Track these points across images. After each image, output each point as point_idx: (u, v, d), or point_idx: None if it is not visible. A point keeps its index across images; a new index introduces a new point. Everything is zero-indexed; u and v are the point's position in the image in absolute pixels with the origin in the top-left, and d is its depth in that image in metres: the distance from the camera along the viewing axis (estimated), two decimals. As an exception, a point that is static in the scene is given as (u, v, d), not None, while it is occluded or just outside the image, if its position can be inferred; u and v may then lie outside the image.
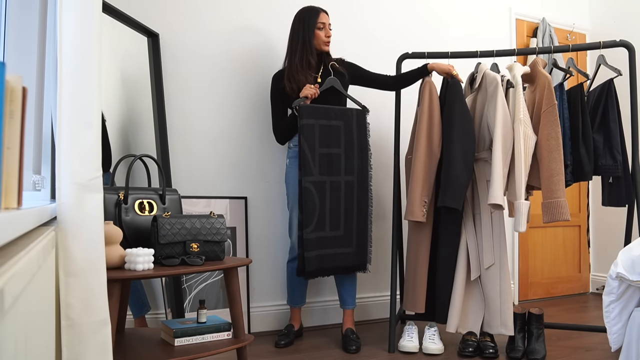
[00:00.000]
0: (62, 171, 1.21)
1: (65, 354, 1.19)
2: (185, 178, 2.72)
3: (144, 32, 2.59)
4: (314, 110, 2.51)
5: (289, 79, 2.58)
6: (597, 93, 2.67)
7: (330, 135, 2.53)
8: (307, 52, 2.58)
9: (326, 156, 2.52)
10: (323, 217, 2.51)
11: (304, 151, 2.47)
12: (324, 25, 2.61)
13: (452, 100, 2.50)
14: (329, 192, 2.52)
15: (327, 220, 2.52)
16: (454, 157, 2.43)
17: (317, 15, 2.61)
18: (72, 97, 1.23)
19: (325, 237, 2.51)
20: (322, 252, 2.50)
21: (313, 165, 2.49)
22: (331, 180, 2.53)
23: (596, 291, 4.00)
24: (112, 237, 1.80)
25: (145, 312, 2.49)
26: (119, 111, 2.47)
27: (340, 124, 2.56)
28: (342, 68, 2.68)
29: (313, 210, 2.48)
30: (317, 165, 2.50)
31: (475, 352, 2.47)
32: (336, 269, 2.56)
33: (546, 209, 2.39)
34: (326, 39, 2.62)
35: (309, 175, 2.48)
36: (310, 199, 2.47)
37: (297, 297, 2.72)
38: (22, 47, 1.54)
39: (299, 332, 2.76)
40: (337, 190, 2.54)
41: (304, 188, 2.46)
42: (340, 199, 2.55)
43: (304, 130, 2.48)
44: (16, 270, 0.69)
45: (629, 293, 1.98)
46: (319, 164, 2.51)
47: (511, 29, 3.76)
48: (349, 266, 2.58)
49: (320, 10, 2.63)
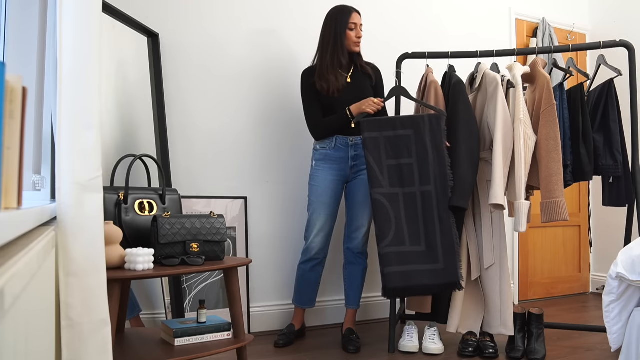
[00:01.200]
0: (62, 171, 1.21)
1: (65, 353, 1.19)
2: (185, 178, 2.72)
3: (144, 32, 2.59)
4: (375, 124, 2.43)
5: (320, 78, 2.60)
6: (597, 93, 2.67)
7: (399, 145, 2.41)
8: (338, 52, 2.59)
9: (396, 167, 2.40)
10: (401, 230, 2.37)
11: (370, 164, 2.41)
12: (355, 26, 2.62)
13: (455, 100, 2.50)
14: (404, 204, 2.38)
15: (406, 234, 2.37)
16: (460, 157, 2.42)
17: (350, 15, 2.62)
18: (72, 97, 1.23)
19: (405, 252, 2.36)
20: (405, 269, 2.35)
21: (382, 177, 2.39)
22: (404, 192, 2.39)
23: (596, 291, 4.00)
24: (112, 237, 1.80)
25: (136, 313, 2.48)
26: (119, 111, 2.47)
27: (409, 132, 2.42)
28: (370, 70, 2.70)
29: (388, 222, 2.37)
30: (386, 177, 2.40)
31: (475, 352, 2.47)
32: (425, 287, 2.36)
33: (544, 208, 2.39)
34: (357, 39, 2.62)
35: (378, 187, 2.39)
36: (382, 211, 2.38)
37: (305, 298, 2.72)
38: (22, 47, 1.54)
39: (301, 332, 2.76)
40: (414, 201, 2.39)
41: (374, 200, 2.39)
42: (418, 210, 2.38)
43: (367, 144, 2.41)
44: (16, 270, 0.69)
45: (629, 293, 1.98)
46: (388, 176, 2.40)
47: (511, 29, 3.76)
48: (440, 284, 2.35)
49: (352, 10, 2.64)
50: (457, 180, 2.40)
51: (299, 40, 3.03)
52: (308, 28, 3.02)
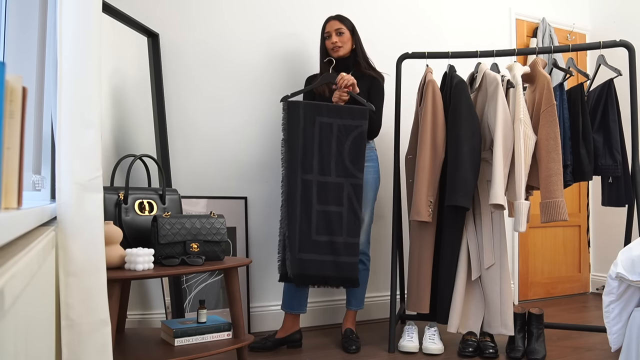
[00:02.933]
0: (62, 171, 1.21)
1: (65, 354, 1.19)
2: (185, 178, 2.72)
3: (144, 32, 2.59)
4: (298, 105, 2.46)
5: (311, 84, 2.66)
6: (597, 93, 2.67)
7: (321, 133, 2.44)
8: (322, 66, 2.67)
9: (318, 155, 2.47)
10: (309, 218, 2.44)
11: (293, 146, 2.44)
12: (329, 34, 2.64)
13: (457, 100, 2.50)
14: (316, 192, 2.45)
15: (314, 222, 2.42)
16: (462, 157, 2.42)
17: (325, 24, 2.68)
18: (72, 97, 1.23)
19: (311, 240, 2.42)
20: (308, 257, 2.41)
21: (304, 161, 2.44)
22: (319, 180, 2.44)
23: (596, 291, 4.00)
24: (112, 237, 1.80)
25: None
26: (119, 111, 2.47)
27: (333, 120, 2.44)
28: (367, 76, 2.63)
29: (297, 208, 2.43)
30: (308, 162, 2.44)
31: (475, 352, 2.47)
32: (324, 278, 2.44)
33: (544, 209, 2.39)
34: (331, 45, 2.64)
35: (307, 171, 2.44)
36: (294, 196, 2.44)
37: (292, 302, 2.58)
38: (22, 47, 1.54)
39: (293, 341, 2.58)
40: (325, 190, 2.44)
41: (304, 180, 2.43)
42: (329, 200, 2.45)
43: (289, 126, 2.44)
44: (16, 270, 0.69)
45: (629, 293, 1.98)
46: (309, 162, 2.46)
47: (511, 29, 3.76)
48: (338, 277, 2.44)
49: (328, 20, 2.68)
50: (459, 179, 2.40)
51: (298, 40, 3.03)
52: (308, 30, 3.02)
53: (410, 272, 2.66)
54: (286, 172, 2.41)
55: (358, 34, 2.72)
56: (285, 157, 2.42)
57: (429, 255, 2.59)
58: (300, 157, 2.40)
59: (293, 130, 2.41)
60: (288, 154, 2.41)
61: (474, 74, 2.68)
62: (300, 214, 2.39)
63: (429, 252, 2.59)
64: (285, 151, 2.42)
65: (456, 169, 2.43)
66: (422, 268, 2.59)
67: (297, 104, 2.44)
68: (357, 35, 2.71)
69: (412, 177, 2.67)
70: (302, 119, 2.42)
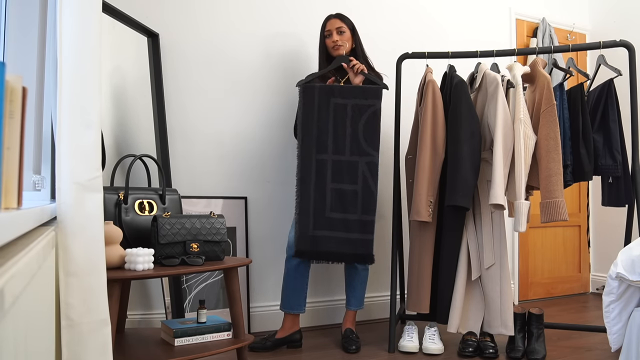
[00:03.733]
0: (62, 171, 1.21)
1: (65, 354, 1.19)
2: (185, 178, 2.72)
3: (144, 32, 2.59)
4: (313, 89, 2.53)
5: None
6: (597, 93, 2.67)
7: (336, 113, 2.51)
8: (323, 61, 2.68)
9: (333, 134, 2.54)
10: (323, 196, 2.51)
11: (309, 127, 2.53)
12: (330, 32, 2.66)
13: (457, 100, 2.50)
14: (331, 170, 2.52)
15: (328, 200, 2.48)
16: (462, 157, 2.42)
17: (325, 23, 2.69)
18: (72, 97, 1.23)
19: (326, 217, 2.49)
20: (322, 234, 2.48)
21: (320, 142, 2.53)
22: (333, 159, 2.50)
23: (596, 291, 4.00)
24: (112, 237, 1.80)
25: None
26: (119, 111, 2.47)
27: (347, 101, 2.51)
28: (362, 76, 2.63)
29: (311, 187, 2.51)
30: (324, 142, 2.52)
31: (475, 352, 2.47)
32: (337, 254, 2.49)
33: (544, 209, 2.39)
34: (332, 44, 2.65)
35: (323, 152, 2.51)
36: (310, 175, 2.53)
37: (291, 301, 2.57)
38: (22, 47, 1.53)
39: (293, 341, 2.57)
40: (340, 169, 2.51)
41: (318, 161, 2.49)
42: (344, 177, 2.52)
43: (305, 107, 2.51)
44: (16, 270, 0.69)
45: (629, 293, 1.98)
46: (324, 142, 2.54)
47: (511, 29, 3.76)
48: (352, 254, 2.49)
49: (329, 18, 2.69)
50: (459, 179, 2.40)
51: (298, 40, 3.03)
52: (307, 30, 3.02)
53: (410, 272, 2.66)
54: (300, 152, 2.46)
55: (358, 34, 2.72)
56: (300, 138, 2.47)
57: (429, 255, 2.59)
58: (315, 138, 2.46)
59: (308, 112, 2.48)
60: (302, 135, 2.46)
61: (474, 74, 2.68)
62: (314, 193, 2.44)
63: (429, 252, 2.59)
64: (299, 132, 2.47)
65: (456, 169, 2.43)
66: (422, 268, 2.59)
67: (312, 87, 2.50)
68: (357, 34, 2.71)
69: (412, 177, 2.67)
70: (316, 101, 2.48)
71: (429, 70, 2.70)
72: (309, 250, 2.42)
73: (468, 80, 2.68)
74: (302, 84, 2.53)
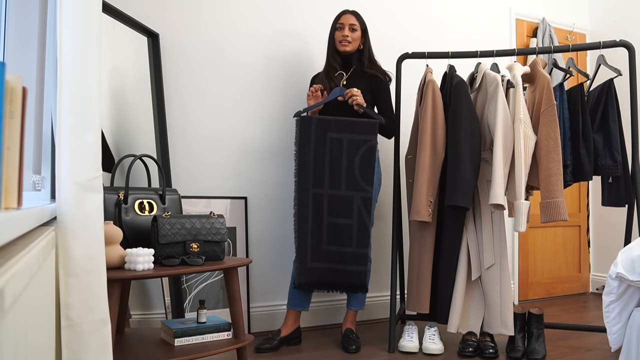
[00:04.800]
0: (62, 171, 1.21)
1: (65, 353, 1.19)
2: (185, 178, 2.72)
3: (144, 32, 2.59)
4: (310, 121, 2.52)
5: (321, 80, 2.70)
6: (597, 93, 2.67)
7: (332, 147, 2.51)
8: (330, 57, 2.68)
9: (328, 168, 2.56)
10: (319, 228, 2.54)
11: (307, 161, 2.55)
12: (342, 26, 2.64)
13: (457, 100, 2.50)
14: (327, 205, 2.55)
15: (324, 233, 2.53)
16: (462, 157, 2.43)
17: (340, 16, 2.68)
18: (72, 97, 1.23)
19: (323, 250, 2.55)
20: (320, 265, 2.55)
21: (316, 175, 2.55)
22: (329, 194, 2.53)
23: (596, 291, 4.00)
24: (112, 237, 1.80)
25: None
26: (119, 111, 2.47)
27: (343, 136, 2.50)
28: (368, 75, 2.64)
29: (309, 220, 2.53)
30: (319, 176, 2.54)
31: (475, 352, 2.46)
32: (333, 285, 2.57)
33: (544, 209, 2.39)
34: (342, 38, 2.64)
35: (318, 186, 2.54)
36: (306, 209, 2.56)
37: (300, 299, 2.62)
38: (22, 47, 1.53)
39: (294, 338, 2.62)
40: (336, 203, 2.54)
41: (314, 195, 2.53)
42: (340, 212, 2.55)
43: (301, 141, 2.51)
44: (16, 270, 0.69)
45: (629, 293, 1.98)
46: (321, 176, 2.56)
47: (511, 29, 3.76)
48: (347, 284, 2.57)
49: (345, 12, 2.69)
50: (459, 179, 2.40)
51: (300, 41, 3.03)
52: (309, 29, 3.02)
53: (410, 272, 2.66)
54: (297, 187, 2.49)
55: (369, 35, 2.73)
56: (297, 172, 2.49)
57: (429, 255, 2.59)
58: (311, 172, 2.48)
59: (304, 145, 2.49)
60: (300, 169, 2.49)
61: (474, 74, 2.68)
62: (311, 227, 2.48)
63: (429, 252, 2.59)
64: (297, 166, 2.50)
65: (456, 169, 2.43)
66: (422, 268, 2.59)
67: (309, 120, 2.50)
68: (367, 36, 2.72)
69: (412, 177, 2.67)
70: (313, 134, 2.49)
71: (429, 70, 2.70)
72: (308, 282, 2.50)
73: (468, 80, 2.68)
74: (299, 115, 2.54)
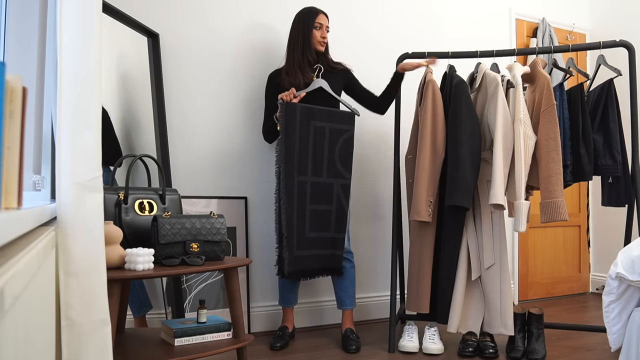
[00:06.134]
0: (62, 171, 1.21)
1: (65, 353, 1.19)
2: (185, 178, 2.72)
3: (144, 32, 2.59)
4: (295, 108, 2.51)
5: (288, 73, 2.63)
6: (597, 93, 2.67)
7: (315, 135, 2.53)
8: (306, 50, 2.64)
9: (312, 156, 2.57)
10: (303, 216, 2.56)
11: (291, 148, 2.53)
12: (320, 26, 2.66)
13: (457, 100, 2.50)
14: (310, 192, 2.56)
15: (307, 220, 2.55)
16: (462, 157, 2.43)
17: (316, 15, 2.67)
18: (72, 97, 1.23)
19: (307, 237, 2.55)
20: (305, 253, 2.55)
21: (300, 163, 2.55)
22: (312, 181, 2.55)
23: (596, 291, 4.00)
24: (112, 237, 1.80)
25: (144, 311, 2.49)
26: (119, 111, 2.47)
27: (325, 124, 2.54)
28: (339, 70, 2.72)
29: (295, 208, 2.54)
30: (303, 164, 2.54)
31: (475, 352, 2.47)
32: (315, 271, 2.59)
33: (544, 209, 2.39)
34: (321, 39, 2.66)
35: (302, 174, 2.54)
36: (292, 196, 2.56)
37: (290, 297, 2.72)
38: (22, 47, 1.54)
39: (292, 333, 2.74)
40: (319, 190, 2.56)
41: (299, 182, 2.52)
42: (322, 199, 2.58)
43: (287, 129, 2.49)
44: (16, 270, 0.69)
45: (629, 293, 1.98)
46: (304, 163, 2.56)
47: (511, 29, 3.76)
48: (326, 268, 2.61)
49: (319, 12, 2.68)
50: (459, 179, 2.40)
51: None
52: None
53: (410, 272, 2.66)
54: (283, 174, 2.48)
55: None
56: (282, 158, 2.48)
57: (429, 255, 2.59)
58: (296, 160, 2.49)
59: (290, 132, 2.48)
60: (285, 156, 2.48)
61: (474, 74, 2.68)
62: (296, 214, 2.49)
63: (429, 252, 2.59)
64: (282, 152, 2.48)
65: (456, 169, 2.43)
66: (422, 268, 2.59)
67: (294, 107, 2.49)
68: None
69: (412, 177, 2.68)
70: (298, 121, 2.49)
71: (428, 70, 2.70)
72: (296, 271, 2.52)
73: (468, 80, 2.68)
74: (284, 101, 2.51)
